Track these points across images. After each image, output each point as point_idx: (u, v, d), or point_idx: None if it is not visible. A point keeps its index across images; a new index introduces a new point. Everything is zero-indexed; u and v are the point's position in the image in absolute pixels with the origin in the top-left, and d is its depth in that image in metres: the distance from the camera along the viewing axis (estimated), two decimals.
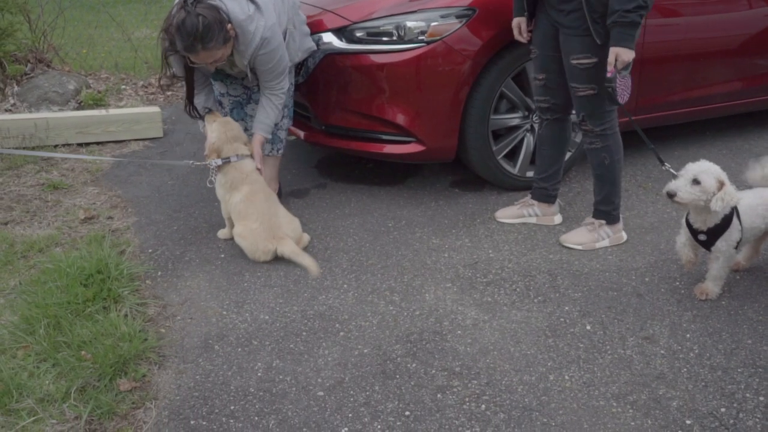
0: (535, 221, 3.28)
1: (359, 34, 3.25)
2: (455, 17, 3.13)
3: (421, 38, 3.14)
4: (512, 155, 3.55)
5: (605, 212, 3.02)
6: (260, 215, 2.86)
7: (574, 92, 2.83)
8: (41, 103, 4.98)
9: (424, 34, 3.14)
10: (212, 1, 2.73)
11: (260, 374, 2.22)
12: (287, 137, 3.46)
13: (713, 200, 2.36)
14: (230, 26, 2.76)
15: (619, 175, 2.96)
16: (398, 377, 2.20)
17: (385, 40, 3.21)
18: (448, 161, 3.50)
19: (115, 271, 2.70)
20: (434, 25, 3.12)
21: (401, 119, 3.26)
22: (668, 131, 4.49)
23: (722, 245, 2.50)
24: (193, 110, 3.15)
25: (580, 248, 3.01)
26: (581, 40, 2.69)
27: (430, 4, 3.16)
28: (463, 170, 3.89)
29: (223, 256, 2.99)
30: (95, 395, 2.08)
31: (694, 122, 4.43)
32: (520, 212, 3.29)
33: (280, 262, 2.91)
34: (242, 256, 2.95)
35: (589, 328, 2.45)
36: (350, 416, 2.03)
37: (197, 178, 3.87)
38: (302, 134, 3.67)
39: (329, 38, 3.33)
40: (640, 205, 3.46)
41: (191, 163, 3.17)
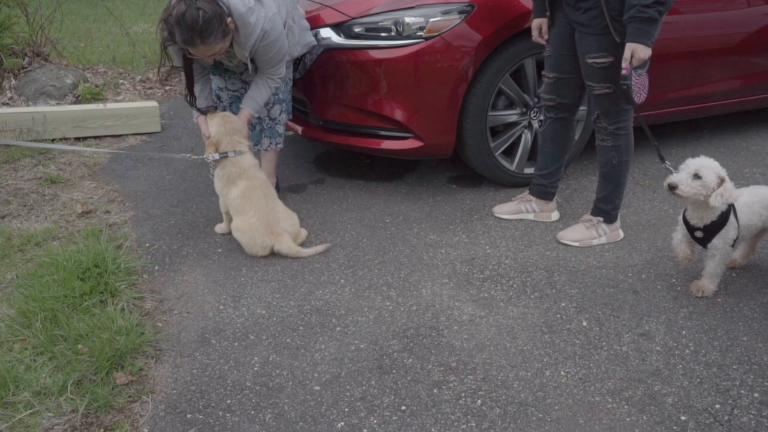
0: (532, 217, 3.28)
1: (358, 29, 3.25)
2: (455, 13, 3.12)
3: (419, 34, 3.14)
4: (510, 152, 3.55)
5: (604, 211, 3.03)
6: (258, 210, 2.86)
7: (590, 90, 2.82)
8: (39, 96, 4.97)
9: (422, 30, 3.13)
10: None
11: (257, 368, 2.23)
12: (285, 132, 3.45)
13: (713, 196, 2.37)
14: (230, 20, 2.75)
15: (624, 176, 2.95)
16: (394, 372, 2.20)
17: (383, 35, 3.21)
18: (445, 157, 3.50)
19: (112, 265, 2.70)
20: (433, 21, 3.12)
21: (399, 115, 3.26)
22: (666, 129, 4.50)
23: (719, 242, 2.51)
24: (194, 101, 3.14)
25: (576, 245, 3.01)
26: (597, 38, 2.68)
27: (428, 0, 3.16)
28: (460, 166, 3.89)
29: (220, 250, 3.00)
30: (92, 389, 2.09)
31: (691, 120, 4.44)
32: (517, 208, 3.29)
33: (277, 257, 2.91)
34: (239, 250, 2.95)
35: (585, 324, 2.46)
36: (346, 411, 2.04)
37: (195, 172, 3.87)
38: (300, 129, 3.67)
39: (328, 33, 3.33)
40: (637, 202, 3.47)
41: (189, 156, 3.17)
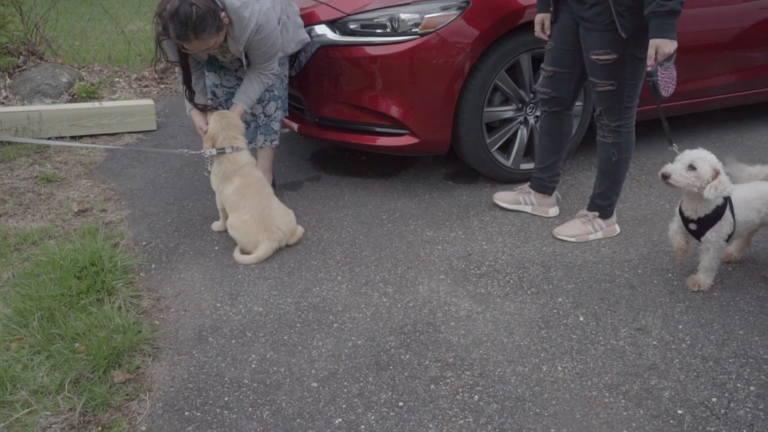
0: (530, 210, 3.28)
1: (353, 26, 3.24)
2: (455, 9, 3.12)
3: (414, 30, 3.14)
4: (506, 147, 3.55)
5: (600, 206, 3.03)
6: (252, 207, 2.85)
7: (593, 87, 2.81)
8: (34, 95, 4.95)
9: (417, 26, 3.13)
10: None
11: (254, 366, 2.23)
12: (281, 129, 3.45)
13: (707, 188, 2.37)
14: (224, 14, 2.75)
15: (623, 174, 2.95)
16: (392, 368, 2.21)
17: (378, 32, 3.20)
18: (441, 154, 3.50)
19: (108, 263, 2.70)
20: (428, 17, 3.12)
21: (395, 111, 3.26)
22: (660, 125, 4.50)
23: (712, 236, 2.51)
24: (192, 95, 3.13)
25: (573, 240, 3.02)
26: (601, 35, 2.66)
27: None
28: (457, 163, 3.89)
29: (217, 248, 2.99)
30: (89, 387, 2.09)
31: (687, 115, 4.44)
32: (516, 198, 3.30)
33: (274, 254, 2.91)
34: (236, 248, 2.95)
35: (582, 319, 2.46)
36: (344, 407, 2.04)
37: (191, 170, 3.87)
38: (296, 126, 3.67)
39: (323, 30, 3.32)
40: (633, 197, 3.47)
41: (186, 151, 3.16)
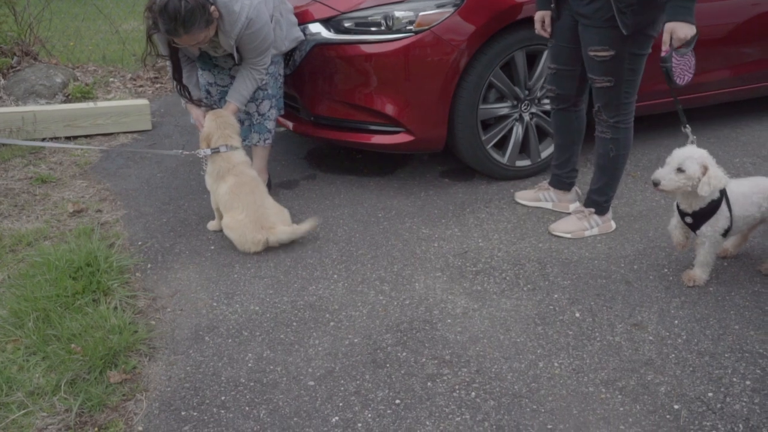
0: (551, 207, 3.29)
1: (347, 24, 3.24)
2: (445, 6, 3.12)
3: (409, 28, 3.14)
4: (501, 145, 3.55)
5: (597, 202, 3.03)
6: (246, 206, 2.85)
7: (591, 83, 2.82)
8: (28, 96, 4.94)
9: (412, 24, 3.13)
10: None
11: (251, 365, 2.23)
12: (276, 128, 3.45)
13: (700, 185, 2.38)
14: (213, 8, 2.75)
15: (620, 169, 2.96)
16: (388, 366, 2.21)
17: (373, 30, 3.20)
18: (437, 151, 3.50)
19: (104, 263, 2.69)
20: (422, 14, 3.12)
21: (390, 109, 3.26)
22: (657, 120, 4.51)
23: (707, 230, 2.52)
24: (183, 90, 3.13)
25: (569, 236, 3.02)
26: (599, 31, 2.66)
27: None
28: (452, 160, 3.89)
29: (212, 247, 2.99)
30: (85, 388, 2.08)
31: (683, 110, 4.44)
32: (536, 196, 3.32)
33: (269, 252, 2.91)
34: (232, 247, 2.95)
35: (578, 315, 2.47)
36: (341, 405, 2.04)
37: (186, 170, 3.86)
38: (291, 125, 3.66)
39: (317, 29, 3.32)
40: (629, 193, 3.48)
41: (181, 152, 3.16)
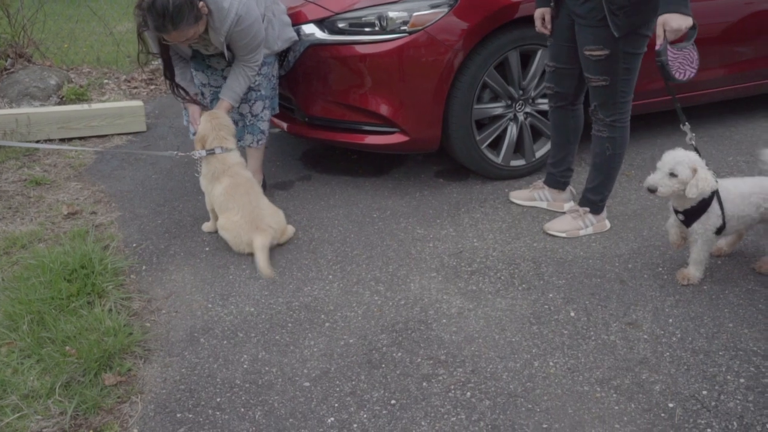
0: (545, 206, 3.30)
1: (341, 24, 3.24)
2: (439, 6, 3.12)
3: (403, 29, 3.14)
4: (496, 144, 3.56)
5: (592, 201, 3.04)
6: (241, 208, 2.85)
7: (588, 82, 2.83)
8: (22, 98, 4.92)
9: (406, 24, 3.13)
10: None
11: (246, 366, 2.23)
12: (271, 129, 3.44)
13: (687, 187, 2.42)
14: (202, 4, 2.74)
15: (616, 169, 2.96)
16: (384, 366, 2.21)
17: (367, 30, 3.20)
18: (432, 151, 3.50)
19: (99, 266, 2.69)
20: (416, 15, 3.12)
21: (384, 110, 3.26)
22: (651, 119, 4.52)
23: (699, 228, 2.54)
24: (176, 88, 3.12)
25: (563, 236, 3.03)
26: (593, 31, 2.67)
27: None
28: (447, 160, 3.89)
29: (207, 249, 2.99)
30: (80, 390, 2.08)
31: (675, 110, 4.45)
32: (531, 195, 3.32)
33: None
34: (227, 249, 2.94)
35: (573, 314, 2.47)
36: (336, 406, 2.04)
37: (181, 171, 3.86)
38: (285, 126, 3.66)
39: (311, 29, 3.32)
40: (623, 192, 3.48)
41: (176, 153, 3.15)
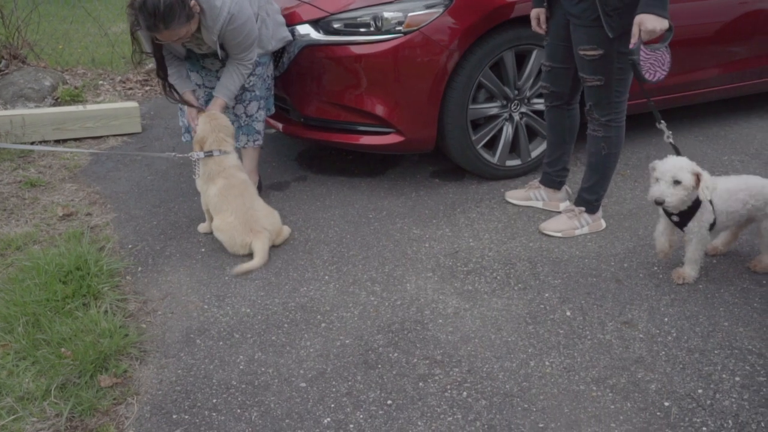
0: (541, 206, 3.30)
1: (336, 25, 3.24)
2: (434, 7, 3.12)
3: (398, 29, 3.14)
4: (491, 144, 3.56)
5: (588, 201, 3.04)
6: (235, 209, 2.85)
7: (582, 82, 2.84)
8: (17, 99, 4.91)
9: (401, 24, 3.13)
10: None
11: (242, 367, 2.22)
12: (266, 130, 3.44)
13: (701, 192, 2.41)
14: (193, 2, 2.74)
15: (611, 168, 2.97)
16: (380, 367, 2.21)
17: (362, 31, 3.20)
18: (427, 152, 3.51)
19: (94, 267, 2.68)
20: (411, 15, 3.12)
21: (380, 110, 3.26)
22: (645, 119, 4.53)
23: (694, 226, 2.55)
24: (169, 88, 3.11)
25: (559, 235, 3.03)
26: (587, 30, 2.68)
27: None
28: (443, 160, 3.90)
29: (203, 250, 2.98)
30: (76, 392, 2.07)
31: (670, 110, 4.47)
32: (527, 195, 3.33)
33: None
34: (223, 250, 2.94)
35: (569, 314, 2.47)
36: (332, 406, 2.04)
37: (177, 172, 3.85)
38: (281, 126, 3.66)
39: (306, 30, 3.31)
40: (618, 192, 3.49)
41: (174, 155, 3.14)
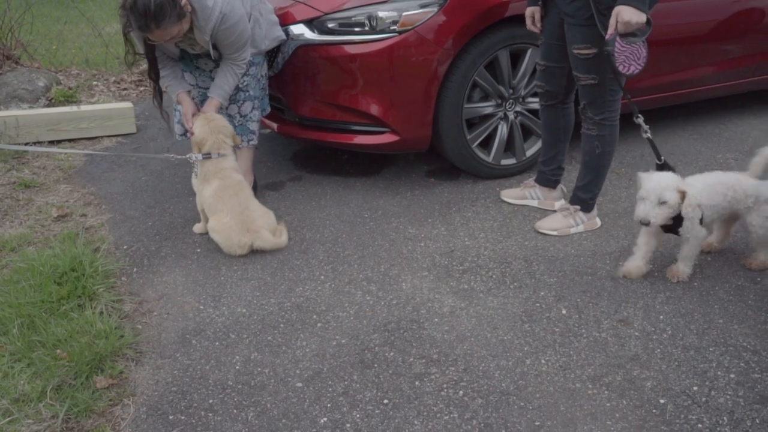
0: (536, 204, 3.31)
1: (331, 24, 3.24)
2: (429, 6, 3.12)
3: (393, 28, 3.14)
4: (486, 143, 3.56)
5: (582, 199, 3.05)
6: (231, 209, 2.84)
7: (577, 80, 2.84)
8: (10, 100, 4.89)
9: (395, 24, 3.13)
10: None
11: (238, 367, 2.22)
12: (261, 130, 3.43)
13: (684, 210, 2.42)
14: (185, 2, 2.73)
15: (606, 167, 2.97)
16: (376, 366, 2.21)
17: (357, 30, 3.20)
18: (422, 151, 3.51)
19: (89, 268, 2.68)
20: (406, 14, 3.12)
21: (375, 110, 3.26)
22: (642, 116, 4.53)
23: (688, 226, 2.54)
24: (156, 94, 3.11)
25: (554, 234, 3.04)
26: (581, 29, 2.69)
27: None
28: (438, 160, 3.90)
29: (199, 250, 2.98)
30: (72, 393, 2.07)
31: (664, 108, 4.48)
32: (522, 194, 3.33)
33: (256, 255, 2.90)
34: (218, 250, 2.93)
35: (564, 312, 2.48)
36: (329, 406, 2.04)
37: (172, 173, 3.84)
38: (275, 126, 3.66)
39: (301, 30, 3.31)
40: (613, 190, 3.50)
41: (172, 156, 3.14)
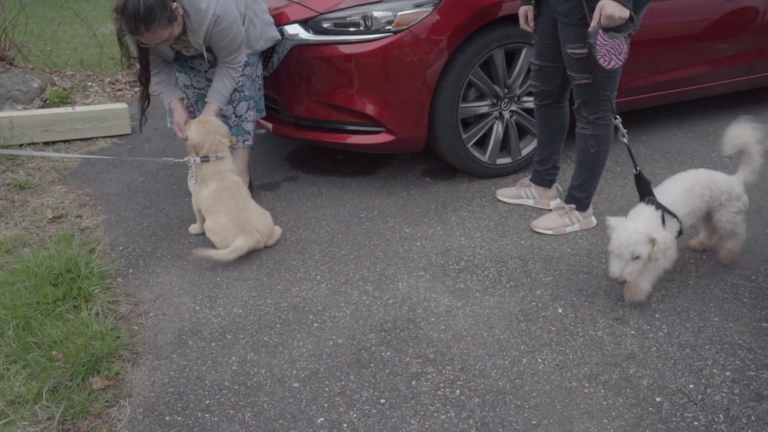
0: (532, 203, 3.31)
1: (326, 24, 3.24)
2: (424, 6, 3.13)
3: (387, 28, 3.14)
4: (482, 143, 3.57)
5: (577, 198, 3.06)
6: (228, 210, 2.84)
7: (571, 80, 2.85)
8: (5, 102, 4.88)
9: (390, 23, 3.14)
10: None
11: (235, 368, 2.22)
12: (257, 130, 3.43)
13: (654, 257, 2.32)
14: (176, 5, 2.72)
15: (601, 166, 2.98)
16: (373, 366, 2.21)
17: (352, 30, 3.20)
18: (418, 150, 3.51)
19: (85, 269, 2.67)
20: (401, 14, 3.12)
21: (370, 109, 3.26)
22: (634, 117, 4.55)
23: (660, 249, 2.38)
24: (143, 99, 3.13)
25: (550, 233, 3.04)
26: (575, 29, 2.69)
27: None
28: (433, 159, 3.90)
29: (195, 251, 2.97)
30: (68, 395, 2.07)
31: (658, 107, 4.49)
32: (518, 193, 3.33)
33: (252, 255, 2.90)
34: (214, 251, 2.93)
35: (560, 311, 2.48)
36: (326, 406, 2.04)
37: (167, 174, 3.84)
38: (271, 127, 3.65)
39: (296, 30, 3.31)
40: (609, 189, 3.51)
41: (170, 160, 3.13)
